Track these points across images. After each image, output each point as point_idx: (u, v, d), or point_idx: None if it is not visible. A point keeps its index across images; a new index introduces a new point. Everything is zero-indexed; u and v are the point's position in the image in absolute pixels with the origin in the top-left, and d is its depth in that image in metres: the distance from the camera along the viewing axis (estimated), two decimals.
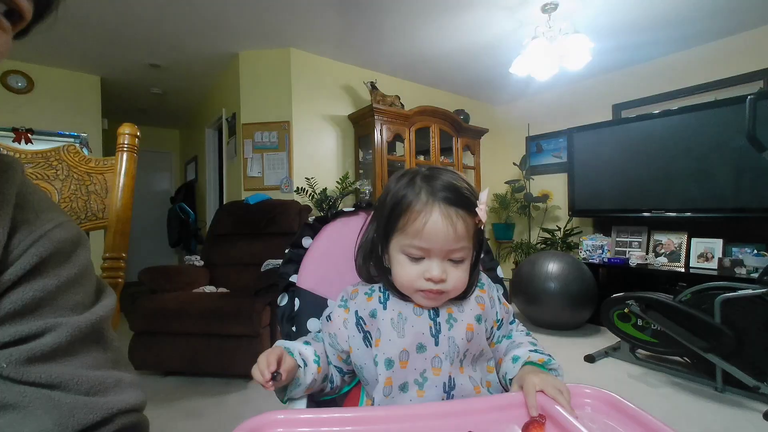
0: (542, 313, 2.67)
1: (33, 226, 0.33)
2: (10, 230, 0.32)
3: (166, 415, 1.64)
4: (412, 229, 0.52)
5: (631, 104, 3.33)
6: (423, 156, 3.33)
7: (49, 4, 0.34)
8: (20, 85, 3.03)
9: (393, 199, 0.54)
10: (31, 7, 0.32)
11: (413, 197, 0.52)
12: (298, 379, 0.53)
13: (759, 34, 2.69)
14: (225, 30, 2.66)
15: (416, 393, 0.53)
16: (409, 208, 0.52)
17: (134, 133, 0.73)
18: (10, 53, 0.33)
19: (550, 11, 2.36)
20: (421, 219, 0.51)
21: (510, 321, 0.64)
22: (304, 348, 0.57)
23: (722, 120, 2.49)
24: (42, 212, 0.35)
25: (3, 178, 0.34)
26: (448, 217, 0.51)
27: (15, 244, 0.32)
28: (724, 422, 1.52)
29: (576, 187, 3.30)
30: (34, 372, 0.30)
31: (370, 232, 0.61)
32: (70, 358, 0.32)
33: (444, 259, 0.53)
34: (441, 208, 0.51)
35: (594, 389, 0.50)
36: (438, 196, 0.51)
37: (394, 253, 0.55)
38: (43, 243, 0.33)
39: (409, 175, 0.56)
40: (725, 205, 2.49)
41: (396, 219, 0.53)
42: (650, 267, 2.71)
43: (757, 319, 1.62)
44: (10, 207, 0.33)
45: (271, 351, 0.51)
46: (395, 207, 0.53)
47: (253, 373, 0.49)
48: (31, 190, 0.37)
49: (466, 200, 0.52)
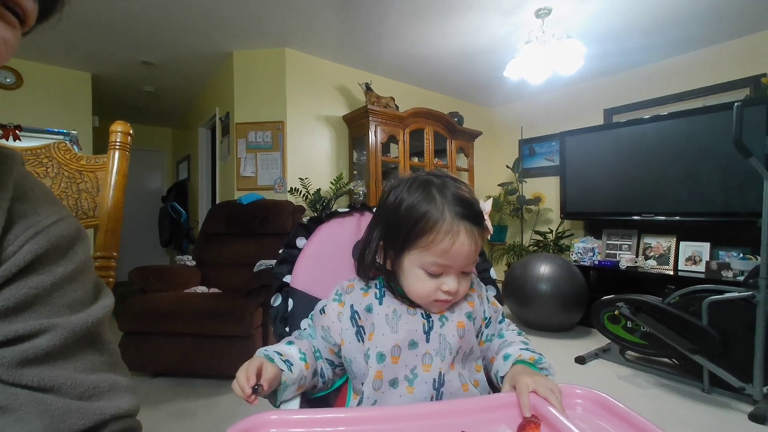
0: (534, 314, 2.69)
1: (31, 220, 0.32)
2: (6, 223, 0.31)
3: (157, 417, 1.62)
4: (437, 249, 0.52)
5: (622, 109, 3.38)
6: (417, 158, 3.34)
7: (54, 5, 0.34)
8: (8, 80, 2.97)
9: (414, 215, 0.53)
10: (35, 8, 0.32)
11: (438, 216, 0.52)
12: (284, 382, 0.52)
13: (747, 43, 2.75)
14: (219, 28, 2.64)
15: (406, 389, 0.54)
16: (435, 228, 0.52)
17: (127, 131, 0.72)
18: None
19: (544, 16, 2.39)
20: (449, 240, 0.52)
21: (499, 320, 0.65)
22: (287, 348, 0.57)
23: (711, 126, 2.54)
24: (41, 206, 0.34)
25: (1, 170, 0.33)
26: (472, 236, 0.53)
27: (11, 239, 0.31)
28: (711, 422, 1.55)
29: (568, 190, 3.33)
30: (26, 374, 0.29)
31: (374, 238, 0.59)
32: (64, 361, 0.31)
33: (459, 273, 0.55)
34: (466, 228, 0.52)
35: (585, 390, 0.51)
36: (460, 214, 0.52)
37: (410, 266, 0.55)
38: (40, 239, 0.32)
39: (422, 185, 0.55)
40: (713, 209, 2.54)
41: (418, 236, 0.53)
42: (640, 270, 2.75)
43: (743, 322, 1.65)
44: (7, 200, 0.32)
45: (250, 363, 0.51)
46: (417, 223, 0.53)
47: (234, 388, 0.49)
48: (31, 183, 0.36)
49: (481, 216, 0.55)
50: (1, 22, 0.30)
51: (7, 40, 0.30)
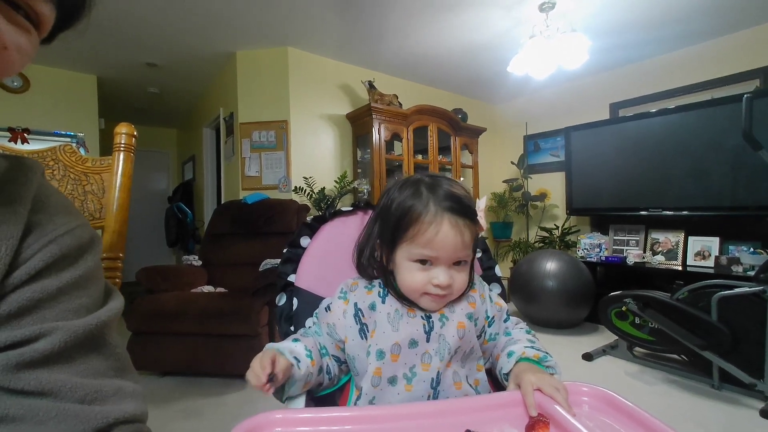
0: (540, 311, 2.68)
1: (45, 229, 0.32)
2: (23, 233, 0.31)
3: (164, 416, 1.63)
4: (422, 240, 0.54)
5: (628, 103, 3.34)
6: (421, 155, 3.33)
7: (77, 11, 0.33)
8: (16, 84, 3.01)
9: (400, 209, 0.56)
10: (51, 12, 0.31)
11: (422, 208, 0.54)
12: (293, 376, 0.53)
13: (755, 33, 2.70)
14: (222, 29, 2.65)
15: (404, 387, 0.54)
16: (419, 219, 0.54)
17: (131, 132, 0.73)
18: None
19: (548, 10, 2.36)
20: (432, 230, 0.53)
21: (504, 319, 0.65)
22: (294, 345, 0.58)
23: (719, 118, 2.50)
24: (56, 216, 0.34)
25: (21, 181, 0.33)
26: (457, 227, 0.54)
27: (25, 247, 0.31)
28: (721, 419, 1.53)
29: (574, 185, 3.30)
30: (24, 378, 0.28)
31: (372, 236, 0.62)
32: (64, 365, 0.30)
33: (450, 265, 0.56)
34: (450, 218, 0.54)
35: (591, 387, 0.50)
36: (445, 207, 0.54)
37: (401, 260, 0.57)
38: (52, 248, 0.32)
39: (413, 184, 0.58)
40: (722, 204, 2.50)
41: (404, 229, 0.55)
42: (647, 265, 2.72)
43: (754, 317, 1.63)
44: (26, 210, 0.32)
45: (264, 354, 0.51)
46: (403, 217, 0.55)
47: (249, 377, 0.49)
48: (48, 192, 0.36)
49: (469, 210, 0.56)
50: (14, 27, 0.29)
51: (20, 47, 0.30)
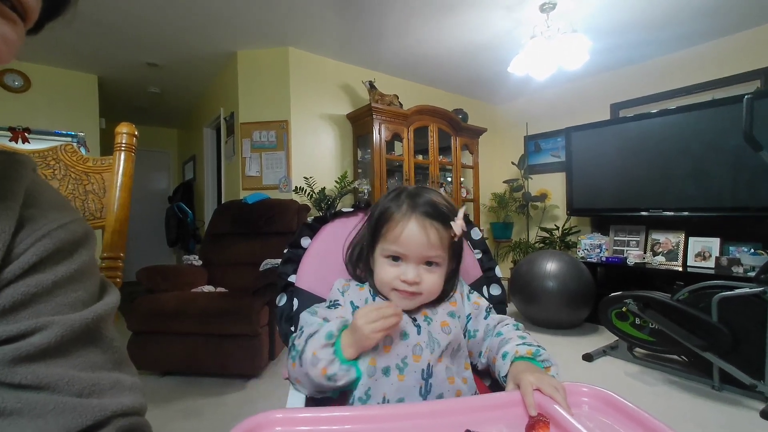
0: (540, 312, 2.68)
1: (38, 224, 0.32)
2: (16, 228, 0.31)
3: (164, 416, 1.63)
4: (391, 236, 0.60)
5: (628, 103, 3.33)
6: (422, 155, 3.33)
7: (63, 1, 0.33)
8: (17, 83, 3.01)
9: (379, 211, 0.63)
10: (37, 2, 0.31)
11: (395, 209, 0.61)
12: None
13: (756, 34, 2.70)
14: (223, 29, 2.65)
15: (397, 377, 0.57)
16: (391, 218, 0.60)
17: (132, 132, 0.73)
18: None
19: (549, 11, 2.37)
20: (400, 227, 0.59)
21: (484, 316, 0.67)
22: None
23: (720, 119, 2.50)
24: (49, 211, 0.34)
25: (12, 176, 0.33)
26: (423, 226, 0.59)
27: (17, 242, 0.31)
28: (722, 420, 1.53)
29: (574, 186, 3.30)
30: (20, 373, 0.28)
31: (362, 238, 0.68)
32: (61, 359, 0.30)
33: (419, 264, 0.60)
34: (417, 218, 0.59)
35: (591, 388, 0.50)
36: (417, 209, 0.60)
37: (378, 257, 0.63)
38: (45, 242, 0.32)
39: (397, 191, 0.64)
40: (722, 204, 2.50)
41: (380, 227, 0.62)
42: (648, 266, 2.72)
43: (754, 318, 1.63)
44: (18, 205, 0.32)
45: (369, 309, 0.55)
46: (380, 217, 0.62)
47: (384, 311, 0.53)
48: (40, 188, 0.36)
49: (441, 214, 0.60)
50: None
51: (6, 38, 0.30)
